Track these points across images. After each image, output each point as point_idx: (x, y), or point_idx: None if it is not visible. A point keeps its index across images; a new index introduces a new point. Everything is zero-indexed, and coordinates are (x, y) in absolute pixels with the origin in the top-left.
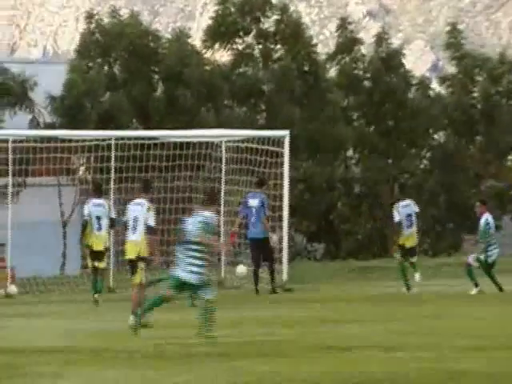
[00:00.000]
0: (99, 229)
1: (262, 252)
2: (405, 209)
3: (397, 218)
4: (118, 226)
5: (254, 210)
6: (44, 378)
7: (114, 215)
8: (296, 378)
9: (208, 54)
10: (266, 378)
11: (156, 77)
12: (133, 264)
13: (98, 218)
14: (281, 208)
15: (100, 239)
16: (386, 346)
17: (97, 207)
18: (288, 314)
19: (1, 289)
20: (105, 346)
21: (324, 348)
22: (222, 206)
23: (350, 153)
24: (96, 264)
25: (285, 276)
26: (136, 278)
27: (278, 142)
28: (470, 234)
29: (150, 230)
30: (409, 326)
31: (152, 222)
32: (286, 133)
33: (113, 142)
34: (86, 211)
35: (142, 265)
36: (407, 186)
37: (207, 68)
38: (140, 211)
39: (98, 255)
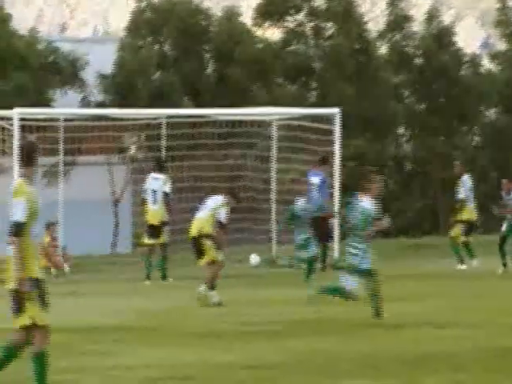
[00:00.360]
0: (154, 202)
1: (318, 229)
2: (469, 184)
3: (462, 193)
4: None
5: (314, 188)
6: (95, 355)
7: (168, 190)
8: (347, 356)
9: (259, 32)
10: (318, 356)
11: (207, 55)
12: (194, 242)
13: (154, 192)
14: (332, 186)
15: (155, 214)
16: (437, 324)
17: (154, 181)
18: None
19: (53, 268)
20: (156, 324)
21: (375, 325)
22: (273, 185)
23: (401, 130)
24: (151, 241)
25: (336, 254)
26: (204, 259)
27: (329, 119)
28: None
29: (219, 225)
30: (460, 303)
31: (222, 218)
32: (337, 110)
33: (164, 120)
34: (144, 187)
35: (208, 242)
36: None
37: (258, 46)
38: (214, 203)
39: (153, 231)
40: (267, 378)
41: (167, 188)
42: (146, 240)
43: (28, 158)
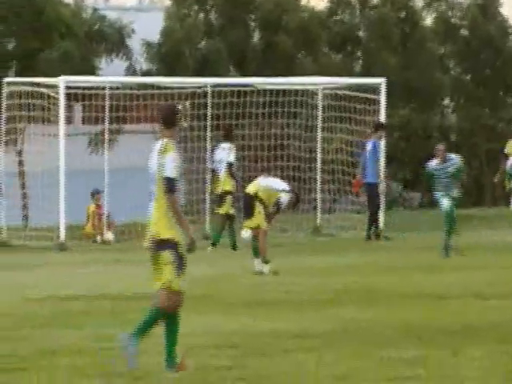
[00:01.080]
0: (220, 172)
1: (367, 196)
2: None
3: None
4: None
5: (367, 154)
6: None
7: (232, 159)
8: (392, 326)
9: (304, 1)
10: (363, 325)
11: (252, 24)
12: (248, 200)
13: (220, 162)
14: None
15: (218, 183)
16: (483, 295)
17: (221, 150)
18: (385, 262)
19: (98, 236)
20: (201, 292)
21: (420, 296)
22: (318, 154)
23: (446, 101)
24: (217, 210)
25: (381, 224)
26: (250, 221)
27: (375, 89)
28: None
29: (276, 208)
30: (506, 274)
31: (283, 205)
32: (382, 80)
33: (209, 88)
34: (214, 157)
35: (260, 207)
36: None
37: (305, 15)
38: (281, 186)
39: (219, 200)
40: (312, 347)
41: (232, 157)
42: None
43: (170, 120)
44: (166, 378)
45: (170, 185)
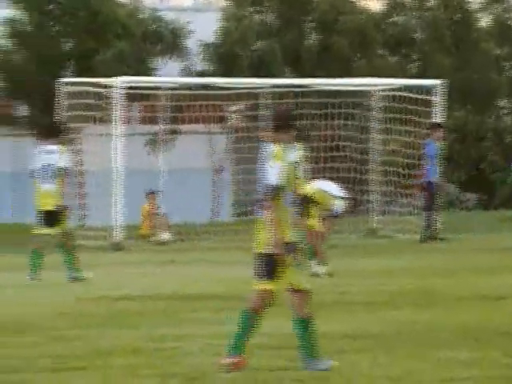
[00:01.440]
0: None
1: (425, 197)
2: None
3: None
4: None
5: (424, 156)
6: (194, 324)
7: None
8: (449, 328)
9: (361, 3)
10: (418, 327)
11: (308, 25)
12: (302, 200)
13: None
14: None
15: None
16: None
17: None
18: (441, 264)
19: (153, 236)
20: None
21: (477, 297)
22: (374, 155)
23: (502, 103)
24: None
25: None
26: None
27: (430, 91)
28: None
29: (334, 215)
30: None
31: (339, 211)
32: (437, 82)
33: (265, 90)
34: None
35: (313, 209)
36: None
37: (360, 16)
38: (338, 192)
39: None
40: (366, 348)
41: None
42: None
43: (283, 124)
44: (220, 378)
45: (271, 192)
